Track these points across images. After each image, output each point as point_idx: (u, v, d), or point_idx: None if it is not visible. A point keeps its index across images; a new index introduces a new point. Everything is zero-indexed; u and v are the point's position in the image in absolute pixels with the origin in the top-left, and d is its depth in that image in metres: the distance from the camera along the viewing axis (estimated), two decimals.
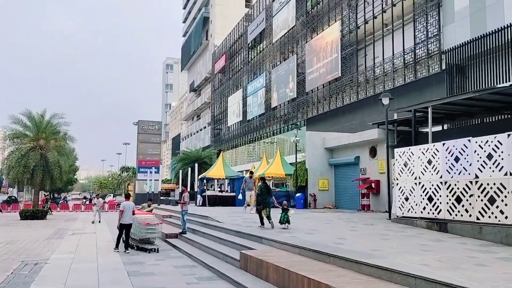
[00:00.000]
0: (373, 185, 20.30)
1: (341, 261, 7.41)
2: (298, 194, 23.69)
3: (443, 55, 21.36)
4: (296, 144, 24.35)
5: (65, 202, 47.62)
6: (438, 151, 11.86)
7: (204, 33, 71.37)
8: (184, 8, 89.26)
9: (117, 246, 13.26)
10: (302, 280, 6.69)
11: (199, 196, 28.52)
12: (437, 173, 11.78)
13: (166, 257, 12.08)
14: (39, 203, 31.75)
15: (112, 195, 67.87)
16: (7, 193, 63.45)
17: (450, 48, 20.88)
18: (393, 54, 25.00)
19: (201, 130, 70.73)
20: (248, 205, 19.48)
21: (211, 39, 67.66)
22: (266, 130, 43.24)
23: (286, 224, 12.97)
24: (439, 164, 11.76)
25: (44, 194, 45.66)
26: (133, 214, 13.25)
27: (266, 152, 33.08)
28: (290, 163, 26.94)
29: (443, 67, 21.30)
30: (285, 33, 39.00)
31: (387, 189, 16.53)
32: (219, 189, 37.04)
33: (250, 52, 48.97)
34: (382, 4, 26.13)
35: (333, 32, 30.80)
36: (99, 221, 24.33)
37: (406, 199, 12.85)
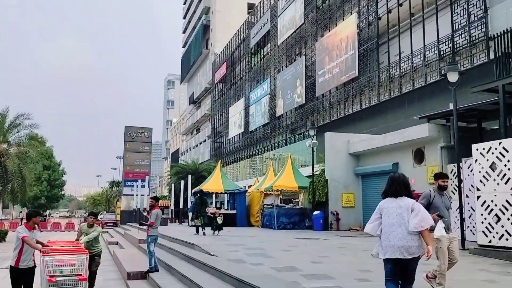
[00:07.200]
0: None
1: None
2: (316, 213, 19.14)
3: (490, 41, 17.38)
4: (312, 148, 19.74)
5: (43, 220, 42.15)
6: None
7: (204, 42, 67.59)
8: (184, 18, 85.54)
9: None
10: None
11: (190, 214, 23.13)
12: None
13: None
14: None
15: (105, 212, 62.67)
16: None
17: (501, 32, 16.66)
18: (424, 46, 21.04)
19: (200, 144, 66.49)
20: None
21: (212, 47, 63.89)
22: (270, 142, 39.03)
23: (217, 231, 16.52)
24: None
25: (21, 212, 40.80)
26: (42, 251, 6.85)
27: (272, 164, 28.39)
28: (307, 176, 22.45)
29: (491, 56, 17.38)
30: (292, 33, 35.18)
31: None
32: (217, 206, 31.53)
33: (252, 58, 45.17)
34: None
35: (349, 26, 26.84)
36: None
37: (497, 220, 8.41)
